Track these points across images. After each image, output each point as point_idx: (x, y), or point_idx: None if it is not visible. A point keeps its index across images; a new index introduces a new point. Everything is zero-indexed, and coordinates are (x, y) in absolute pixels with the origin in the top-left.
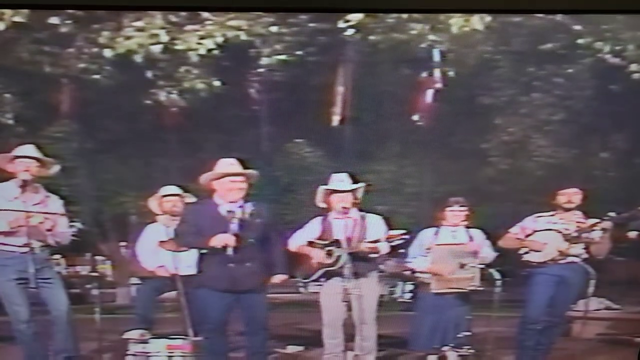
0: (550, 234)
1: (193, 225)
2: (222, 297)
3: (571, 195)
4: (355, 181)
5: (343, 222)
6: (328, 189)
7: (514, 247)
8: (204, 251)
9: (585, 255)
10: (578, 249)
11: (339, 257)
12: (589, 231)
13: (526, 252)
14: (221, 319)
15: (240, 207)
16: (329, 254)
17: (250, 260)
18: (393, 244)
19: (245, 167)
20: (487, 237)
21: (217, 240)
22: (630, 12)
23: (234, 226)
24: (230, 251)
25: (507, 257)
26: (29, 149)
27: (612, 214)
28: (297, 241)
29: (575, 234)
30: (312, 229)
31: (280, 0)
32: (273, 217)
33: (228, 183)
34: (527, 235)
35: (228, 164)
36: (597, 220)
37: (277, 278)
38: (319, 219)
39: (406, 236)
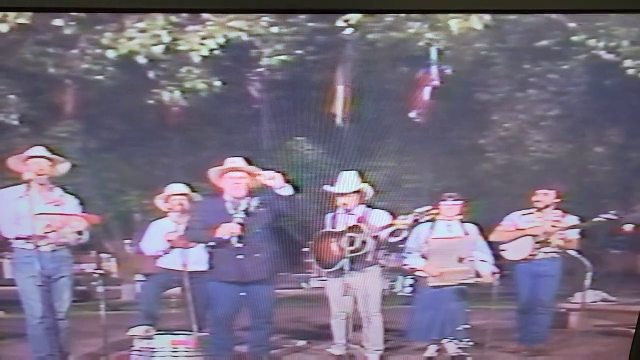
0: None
1: (200, 220)
2: (231, 290)
3: (540, 196)
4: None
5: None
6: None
7: (507, 240)
8: (211, 243)
9: (565, 248)
10: (551, 246)
11: (363, 243)
12: (563, 230)
13: (503, 250)
14: (229, 312)
15: (246, 202)
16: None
17: (259, 251)
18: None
19: (250, 165)
20: (481, 232)
21: (223, 230)
22: (628, 11)
23: (238, 218)
24: (235, 240)
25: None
26: (41, 150)
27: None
28: None
29: (546, 236)
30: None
31: (278, 0)
32: (281, 206)
33: (229, 179)
34: (517, 230)
35: (230, 162)
36: (576, 222)
37: None
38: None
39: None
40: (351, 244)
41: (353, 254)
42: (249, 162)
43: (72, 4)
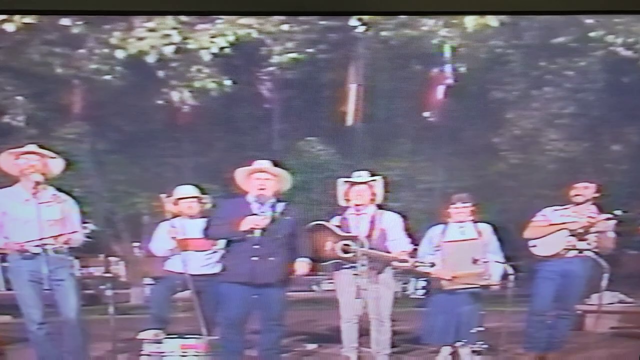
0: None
1: (223, 217)
2: (243, 292)
3: (581, 189)
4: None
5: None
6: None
7: (541, 235)
8: (233, 238)
9: (595, 249)
10: (586, 243)
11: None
12: (600, 226)
13: (534, 246)
14: (240, 314)
15: (271, 207)
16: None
17: (274, 255)
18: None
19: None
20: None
21: (247, 222)
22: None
23: (263, 214)
24: (257, 233)
25: (521, 252)
26: (32, 147)
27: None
28: None
29: (583, 230)
30: None
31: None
32: (301, 216)
33: (255, 180)
34: (550, 225)
35: (258, 163)
36: (609, 216)
37: (301, 264)
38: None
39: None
40: (345, 252)
41: (341, 261)
42: (277, 164)
43: (80, 5)
